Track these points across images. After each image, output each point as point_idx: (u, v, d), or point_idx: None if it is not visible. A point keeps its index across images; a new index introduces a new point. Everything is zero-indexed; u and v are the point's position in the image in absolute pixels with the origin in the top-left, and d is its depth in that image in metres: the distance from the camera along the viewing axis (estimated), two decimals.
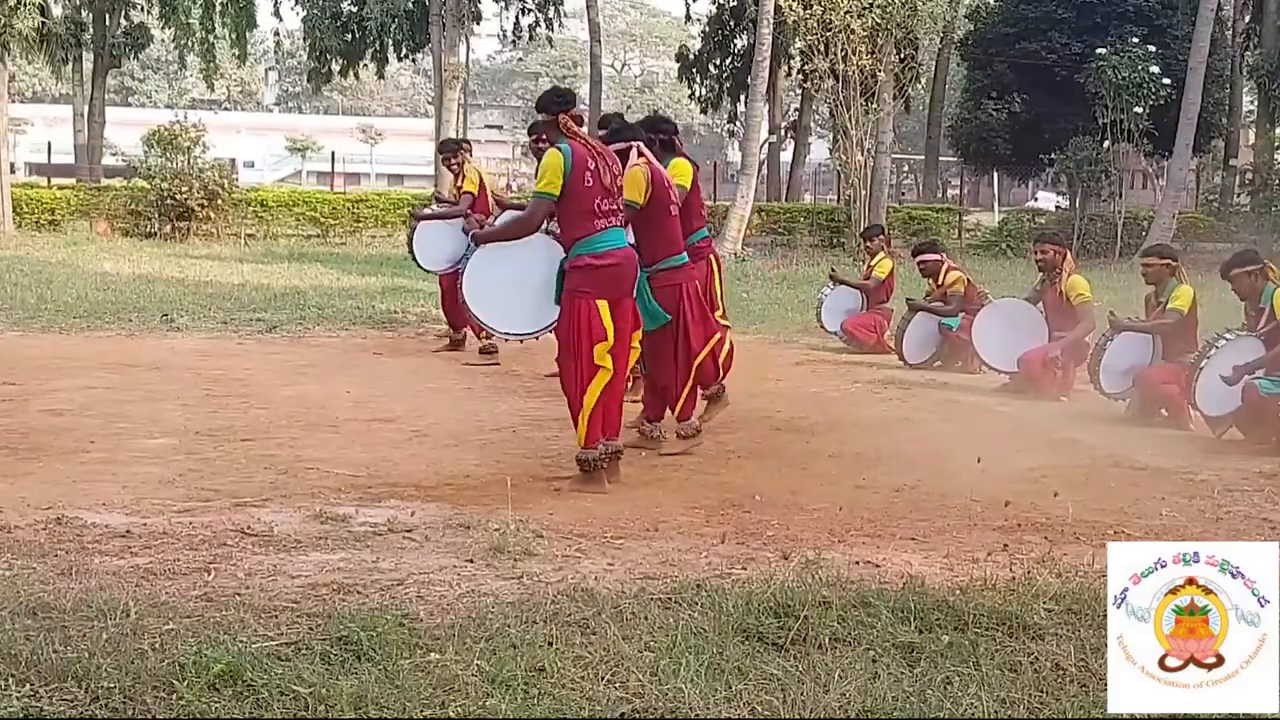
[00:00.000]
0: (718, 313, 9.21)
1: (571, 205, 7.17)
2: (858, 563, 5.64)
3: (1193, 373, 9.32)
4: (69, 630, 4.29)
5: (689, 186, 8.79)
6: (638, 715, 3.90)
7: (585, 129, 7.40)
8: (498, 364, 12.23)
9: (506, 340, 7.68)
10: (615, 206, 7.36)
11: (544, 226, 7.54)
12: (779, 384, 11.81)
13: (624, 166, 7.78)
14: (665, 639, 4.39)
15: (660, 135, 8.88)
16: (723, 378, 8.88)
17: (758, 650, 4.38)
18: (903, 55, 31.89)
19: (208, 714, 3.76)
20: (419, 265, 13.17)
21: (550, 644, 4.32)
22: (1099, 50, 31.75)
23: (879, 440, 8.98)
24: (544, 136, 7.59)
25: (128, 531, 5.83)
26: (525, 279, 7.47)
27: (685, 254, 8.41)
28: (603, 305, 7.19)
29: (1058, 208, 39.94)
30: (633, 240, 7.69)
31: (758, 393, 11.12)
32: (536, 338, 8.00)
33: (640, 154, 8.15)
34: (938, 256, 13.85)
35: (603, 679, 4.08)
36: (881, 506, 6.93)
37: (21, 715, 3.73)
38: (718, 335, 8.73)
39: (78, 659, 4.01)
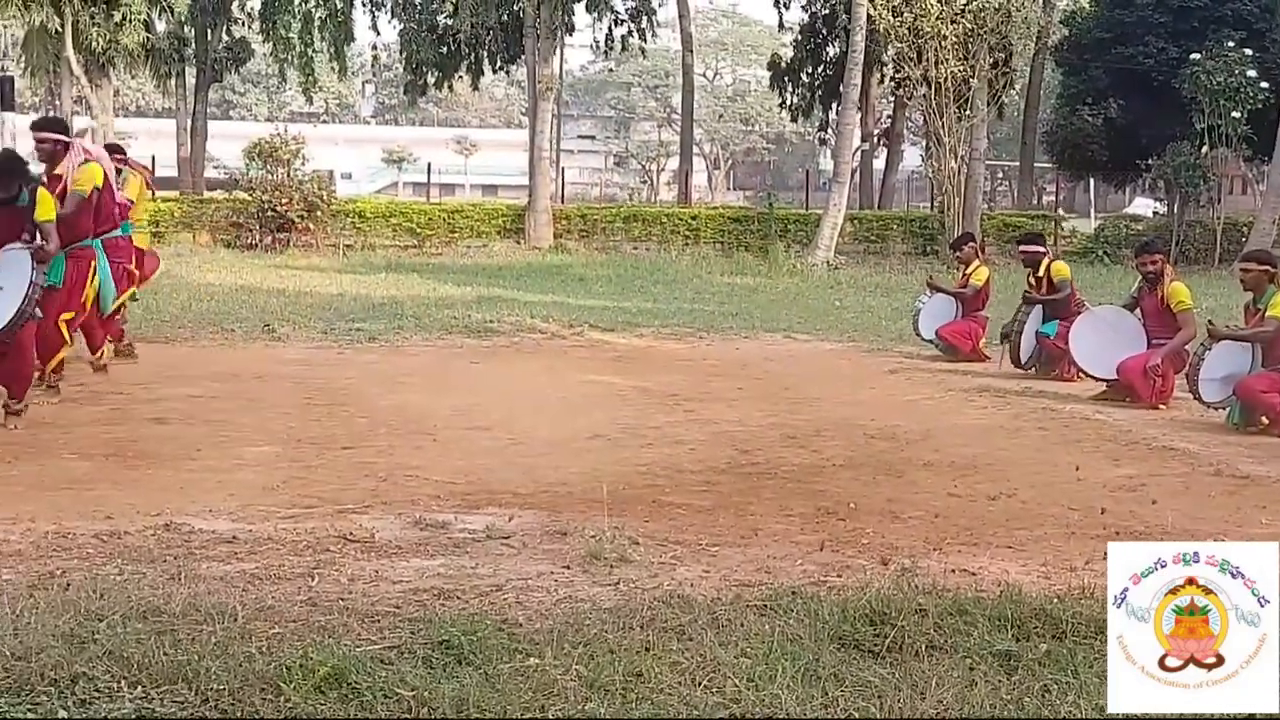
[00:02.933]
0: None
1: None
2: (954, 571, 5.64)
3: None
4: (178, 633, 4.38)
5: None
6: None
7: None
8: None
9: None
10: None
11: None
12: (873, 392, 11.80)
13: None
14: (761, 645, 4.41)
15: None
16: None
17: (853, 657, 4.40)
18: (996, 61, 31.59)
19: (314, 715, 3.84)
20: None
21: (647, 650, 4.36)
22: (1195, 55, 31.30)
23: (974, 448, 8.95)
24: None
25: (234, 537, 5.95)
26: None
27: None
28: None
29: (1155, 214, 39.38)
30: None
31: (852, 401, 11.13)
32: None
33: None
34: (1040, 248, 13.81)
35: (699, 684, 4.11)
36: (977, 515, 6.91)
37: (134, 716, 3.83)
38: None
39: (187, 661, 4.10)
